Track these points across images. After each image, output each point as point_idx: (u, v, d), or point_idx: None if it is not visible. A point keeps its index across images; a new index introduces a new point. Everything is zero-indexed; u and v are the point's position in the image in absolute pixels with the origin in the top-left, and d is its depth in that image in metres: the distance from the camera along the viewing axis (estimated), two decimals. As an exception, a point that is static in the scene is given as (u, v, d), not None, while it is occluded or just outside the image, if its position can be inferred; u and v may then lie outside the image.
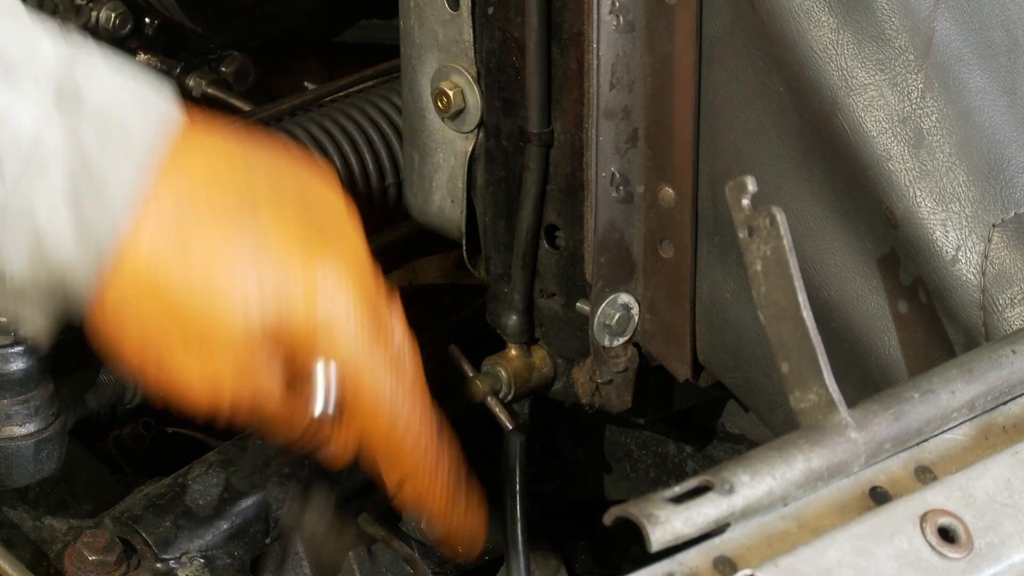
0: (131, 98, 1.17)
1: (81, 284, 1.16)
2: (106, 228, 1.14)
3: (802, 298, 1.01)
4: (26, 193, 1.13)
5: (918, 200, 1.14)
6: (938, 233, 1.14)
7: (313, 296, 1.15)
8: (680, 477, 1.10)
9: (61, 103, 1.14)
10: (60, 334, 1.25)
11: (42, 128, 1.13)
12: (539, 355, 1.39)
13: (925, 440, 1.02)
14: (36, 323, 1.19)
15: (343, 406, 1.19)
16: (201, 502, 1.38)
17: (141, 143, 1.16)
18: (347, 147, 1.58)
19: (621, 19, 1.24)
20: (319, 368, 1.17)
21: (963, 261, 1.13)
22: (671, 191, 1.28)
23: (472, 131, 1.35)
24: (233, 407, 1.19)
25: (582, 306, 1.34)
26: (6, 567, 1.22)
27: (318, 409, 1.18)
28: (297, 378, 1.18)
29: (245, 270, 1.15)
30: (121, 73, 1.17)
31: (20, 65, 1.14)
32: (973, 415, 1.04)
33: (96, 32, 1.73)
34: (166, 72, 1.81)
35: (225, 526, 1.38)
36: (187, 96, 1.79)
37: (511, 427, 1.39)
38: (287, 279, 1.15)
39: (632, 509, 0.94)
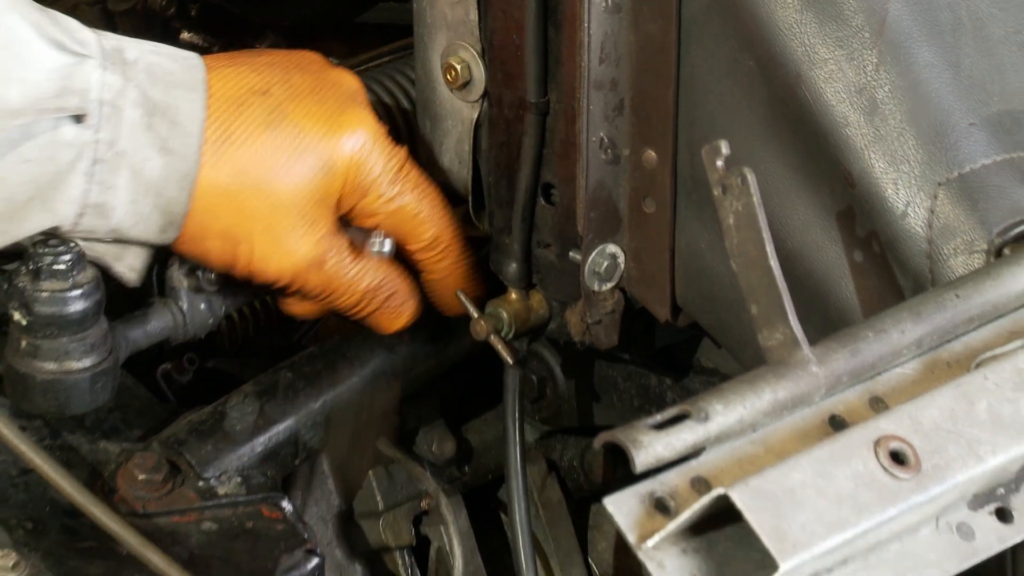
0: (164, 52, 1.24)
1: (174, 207, 1.23)
2: (190, 147, 1.22)
3: (769, 248, 1.01)
4: (112, 137, 1.19)
5: (872, 162, 1.14)
6: (890, 191, 1.13)
7: (345, 161, 1.27)
8: (661, 406, 1.10)
9: (111, 60, 1.19)
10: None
11: (105, 77, 1.18)
12: (536, 298, 1.40)
13: (878, 374, 1.03)
14: (133, 264, 1.27)
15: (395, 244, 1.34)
16: (238, 427, 1.39)
17: (187, 79, 1.22)
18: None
19: (609, 1, 1.24)
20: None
21: (912, 216, 1.13)
22: (653, 154, 1.28)
23: (477, 101, 1.35)
24: (308, 279, 1.30)
25: (574, 255, 1.34)
26: (65, 485, 1.22)
27: (377, 247, 1.33)
28: (353, 238, 1.32)
29: (288, 158, 1.25)
30: (141, 42, 1.24)
31: (67, 38, 1.18)
32: (921, 352, 1.04)
33: (145, 13, 1.72)
34: (207, 48, 1.80)
35: (259, 448, 1.39)
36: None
37: (511, 362, 1.39)
38: (319, 156, 1.26)
39: (619, 435, 0.94)
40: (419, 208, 1.34)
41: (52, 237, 1.22)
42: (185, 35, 1.78)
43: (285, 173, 1.25)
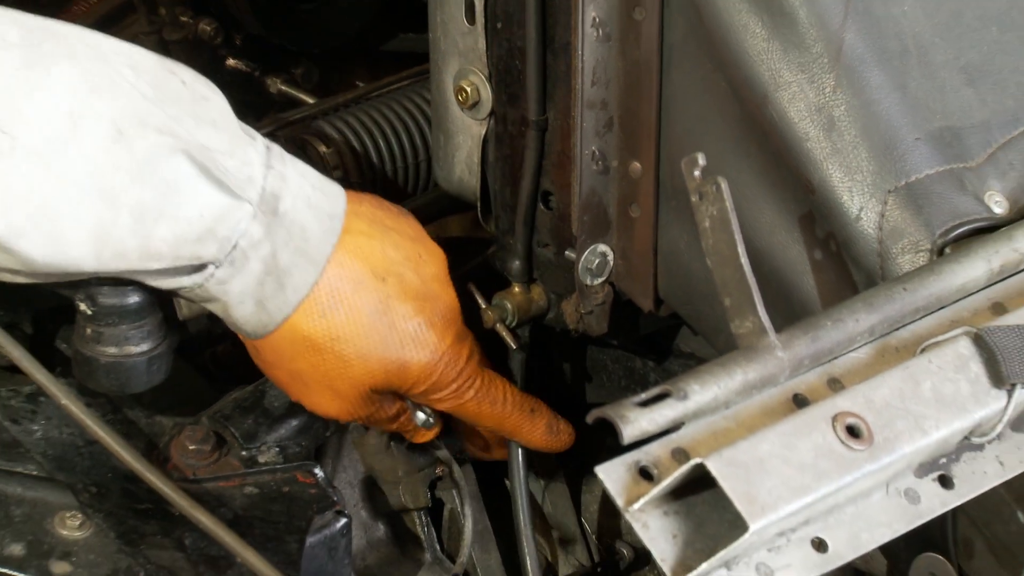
0: (313, 206, 1.16)
1: (252, 334, 1.20)
2: (278, 313, 1.17)
3: (740, 248, 1.01)
4: (227, 278, 1.14)
5: (830, 172, 1.14)
6: (845, 198, 1.13)
7: (419, 371, 1.23)
8: (645, 386, 1.10)
9: (263, 206, 1.12)
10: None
11: (251, 227, 1.12)
12: (536, 292, 1.39)
13: (835, 358, 1.02)
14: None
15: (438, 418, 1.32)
16: (276, 404, 1.38)
17: (316, 249, 1.16)
18: (389, 131, 1.58)
19: (600, 31, 1.24)
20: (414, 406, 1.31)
21: (865, 219, 1.12)
22: (638, 165, 1.27)
23: (485, 118, 1.34)
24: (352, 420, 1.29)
25: (570, 254, 1.34)
26: (125, 454, 1.21)
27: (422, 421, 1.32)
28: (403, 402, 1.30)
29: (374, 347, 1.20)
30: (304, 177, 1.17)
31: (237, 174, 1.11)
32: (873, 339, 1.04)
33: (196, 42, 1.70)
34: (249, 73, 1.79)
35: (295, 423, 1.38)
36: (265, 91, 1.77)
37: (515, 347, 1.39)
38: (400, 357, 1.22)
39: (608, 411, 0.94)
40: (479, 410, 1.30)
41: None
42: (230, 61, 1.76)
43: (366, 357, 1.20)
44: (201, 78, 1.14)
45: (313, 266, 1.16)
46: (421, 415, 1.31)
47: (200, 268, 1.12)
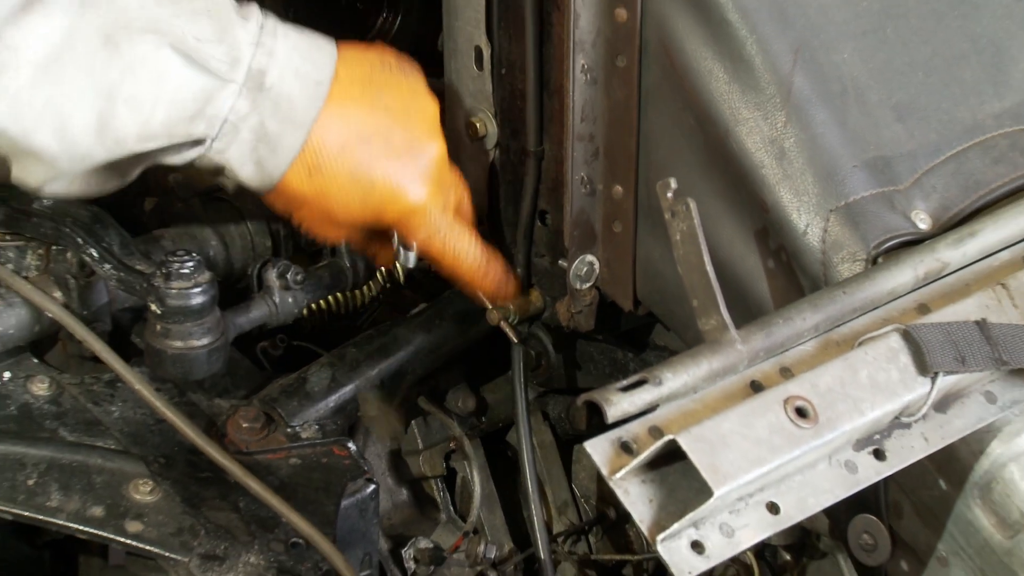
0: (300, 75, 1.14)
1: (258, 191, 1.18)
2: (277, 169, 1.15)
3: (706, 258, 1.01)
4: (224, 148, 1.13)
5: (781, 194, 1.13)
6: (794, 216, 1.13)
7: (406, 199, 1.19)
8: (626, 374, 1.10)
9: (249, 83, 1.11)
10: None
11: (236, 103, 1.11)
12: (534, 295, 1.39)
13: (786, 350, 1.02)
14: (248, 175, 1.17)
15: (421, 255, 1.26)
16: (316, 389, 1.38)
17: (302, 115, 1.14)
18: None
19: (588, 76, 1.23)
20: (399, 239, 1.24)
21: (810, 234, 1.12)
22: (620, 188, 1.27)
23: (492, 149, 1.34)
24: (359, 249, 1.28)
25: (562, 263, 1.33)
26: (189, 431, 1.21)
27: (402, 258, 1.25)
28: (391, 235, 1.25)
29: (351, 200, 1.17)
30: (294, 49, 1.14)
31: (222, 58, 1.10)
32: (818, 334, 1.04)
33: None
34: None
35: (331, 404, 1.38)
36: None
37: (516, 341, 1.39)
38: (389, 196, 1.18)
39: (595, 395, 0.94)
40: (443, 256, 1.26)
41: (179, 248, 1.21)
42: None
43: (348, 208, 1.19)
44: None
45: (300, 130, 1.14)
46: (403, 253, 1.25)
47: (199, 142, 1.12)
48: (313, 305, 1.49)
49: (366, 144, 1.17)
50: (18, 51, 1.03)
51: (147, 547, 1.19)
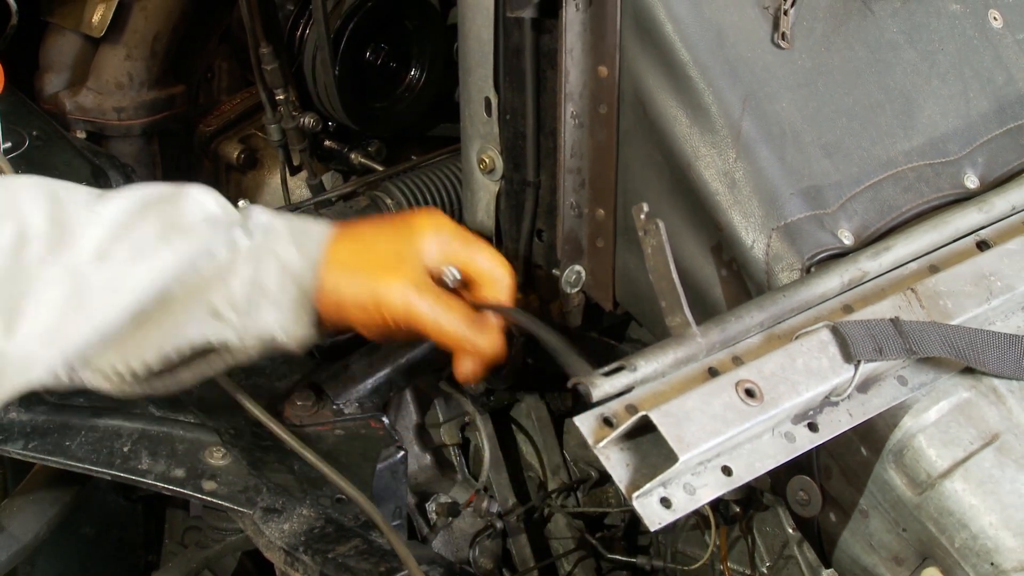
0: (299, 220, 1.09)
1: (308, 291, 1.07)
2: (311, 251, 1.06)
3: (672, 268, 1.01)
4: (268, 244, 1.06)
5: (732, 217, 1.12)
6: (743, 234, 1.12)
7: (394, 302, 1.07)
8: (608, 361, 1.09)
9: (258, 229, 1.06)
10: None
11: (259, 218, 1.06)
12: (532, 298, 1.38)
13: (738, 342, 1.02)
14: (292, 333, 1.07)
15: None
16: (357, 374, 1.37)
17: (317, 233, 1.07)
18: (434, 189, 1.57)
19: (576, 121, 1.23)
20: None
21: (756, 249, 1.11)
22: (602, 211, 1.26)
23: (498, 180, 1.32)
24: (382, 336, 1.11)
25: (555, 272, 1.32)
26: (253, 408, 1.20)
27: (449, 275, 1.11)
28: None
29: (383, 242, 1.09)
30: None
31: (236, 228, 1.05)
32: (763, 329, 1.03)
33: (303, 129, 1.68)
34: (339, 150, 1.75)
35: (369, 386, 1.36)
36: (350, 162, 1.74)
37: (517, 335, 1.37)
38: (405, 239, 1.09)
39: (582, 379, 0.94)
40: (435, 332, 1.11)
41: None
42: (327, 142, 1.74)
43: (384, 250, 1.09)
44: (183, 192, 1.05)
45: (318, 238, 1.06)
46: (447, 271, 1.12)
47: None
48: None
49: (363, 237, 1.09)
50: (25, 314, 0.95)
51: (220, 502, 1.18)
